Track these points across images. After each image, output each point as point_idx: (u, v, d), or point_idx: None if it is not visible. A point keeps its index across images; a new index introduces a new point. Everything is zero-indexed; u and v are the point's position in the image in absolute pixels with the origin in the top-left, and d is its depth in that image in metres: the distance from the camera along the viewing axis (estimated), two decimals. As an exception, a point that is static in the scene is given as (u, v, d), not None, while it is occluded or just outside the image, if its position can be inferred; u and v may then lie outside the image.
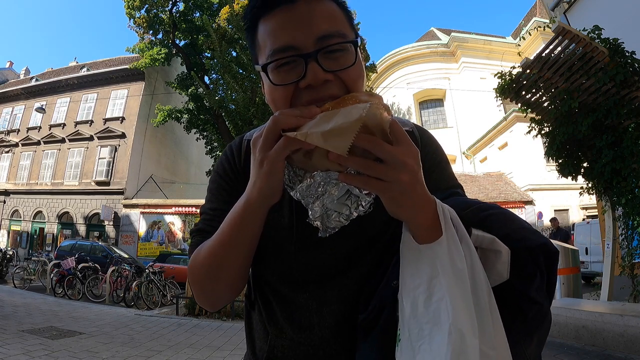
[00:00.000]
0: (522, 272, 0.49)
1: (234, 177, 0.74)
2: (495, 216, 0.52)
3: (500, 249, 0.48)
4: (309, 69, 0.55)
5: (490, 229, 0.51)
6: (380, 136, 0.46)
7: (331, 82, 0.57)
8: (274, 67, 0.58)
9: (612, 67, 4.61)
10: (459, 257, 0.46)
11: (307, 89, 0.56)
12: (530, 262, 0.49)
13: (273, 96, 0.60)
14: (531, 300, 0.49)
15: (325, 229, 0.54)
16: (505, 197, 18.04)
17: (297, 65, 0.57)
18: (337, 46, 0.57)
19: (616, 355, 3.96)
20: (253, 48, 0.65)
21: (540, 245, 0.49)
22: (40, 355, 4.09)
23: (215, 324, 6.50)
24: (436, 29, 28.61)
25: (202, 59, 15.73)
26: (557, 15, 7.33)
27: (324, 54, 0.56)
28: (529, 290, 0.49)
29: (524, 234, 0.50)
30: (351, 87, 0.58)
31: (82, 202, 20.10)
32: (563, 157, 5.73)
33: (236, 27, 11.83)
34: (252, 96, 11.65)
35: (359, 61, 0.60)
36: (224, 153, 0.78)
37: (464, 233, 0.49)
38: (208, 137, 16.40)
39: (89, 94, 21.90)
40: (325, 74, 0.56)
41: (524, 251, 0.49)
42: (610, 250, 5.55)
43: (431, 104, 27.14)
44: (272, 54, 0.58)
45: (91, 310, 7.29)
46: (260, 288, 0.74)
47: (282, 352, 0.70)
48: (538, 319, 0.50)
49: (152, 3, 15.07)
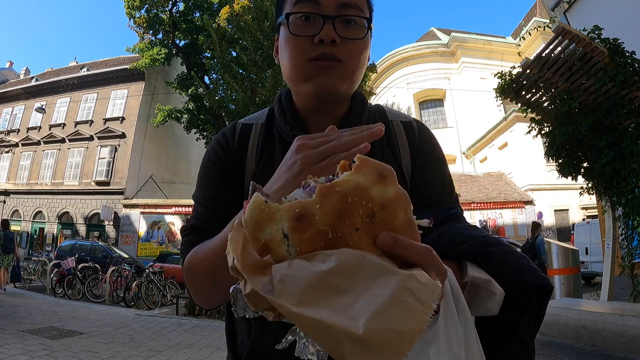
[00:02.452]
0: (512, 309, 0.46)
1: (226, 160, 0.73)
2: (495, 255, 0.48)
3: (495, 291, 0.45)
4: (325, 27, 0.63)
5: (487, 267, 0.47)
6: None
7: (338, 45, 0.64)
8: (295, 18, 0.65)
9: (612, 67, 4.61)
10: (456, 340, 0.39)
11: (318, 44, 0.63)
12: (523, 301, 0.46)
13: (288, 45, 0.66)
14: (518, 338, 0.47)
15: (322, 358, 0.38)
16: (505, 197, 18.05)
17: (315, 23, 0.64)
18: (353, 18, 0.65)
19: (616, 355, 3.96)
20: (281, 2, 0.71)
21: (537, 286, 0.47)
22: (40, 355, 4.09)
23: (215, 324, 6.50)
24: (436, 29, 28.62)
25: (202, 59, 15.72)
26: (557, 15, 7.33)
27: (340, 21, 0.64)
28: (516, 327, 0.47)
29: (523, 276, 0.47)
30: (351, 56, 0.65)
31: (82, 202, 20.10)
32: (563, 157, 5.73)
33: (236, 27, 11.82)
34: (252, 96, 11.64)
35: (367, 39, 0.67)
36: (215, 138, 0.78)
37: (462, 304, 0.42)
38: (208, 137, 16.38)
39: (89, 94, 21.90)
40: (335, 35, 0.63)
41: (518, 291, 0.46)
42: (610, 250, 5.55)
43: (431, 104, 27.16)
44: (297, 3, 0.65)
45: (91, 310, 7.29)
46: None
47: (266, 349, 0.66)
48: (522, 359, 0.48)
49: (152, 3, 15.07)
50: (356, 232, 0.32)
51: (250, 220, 0.32)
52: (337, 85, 0.66)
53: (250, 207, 0.33)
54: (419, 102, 27.01)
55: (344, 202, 0.31)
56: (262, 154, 0.73)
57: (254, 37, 11.09)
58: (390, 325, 0.26)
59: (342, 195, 0.32)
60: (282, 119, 0.73)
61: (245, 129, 0.76)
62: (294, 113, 0.73)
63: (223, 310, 3.06)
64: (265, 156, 0.73)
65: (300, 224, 0.31)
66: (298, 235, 0.31)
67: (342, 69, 0.66)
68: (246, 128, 0.76)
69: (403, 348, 0.26)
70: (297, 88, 0.70)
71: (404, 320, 0.26)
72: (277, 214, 0.32)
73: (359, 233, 0.32)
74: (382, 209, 0.33)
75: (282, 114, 0.74)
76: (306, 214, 0.31)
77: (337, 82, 0.66)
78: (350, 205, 0.32)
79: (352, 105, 0.74)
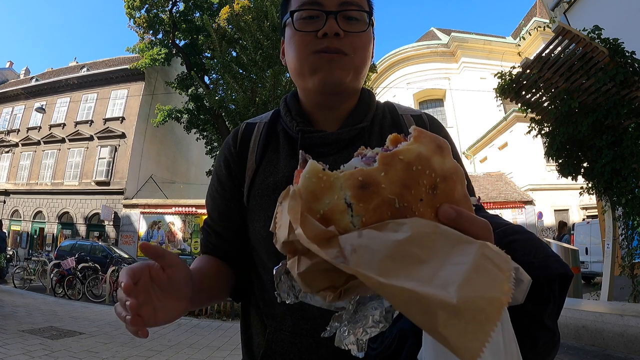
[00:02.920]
0: (537, 299, 0.46)
1: (226, 168, 0.77)
2: (520, 242, 0.50)
3: (522, 278, 0.44)
4: (328, 21, 0.66)
5: (513, 254, 0.46)
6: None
7: (341, 38, 0.67)
8: (299, 16, 0.69)
9: (612, 67, 4.61)
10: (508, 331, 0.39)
11: (322, 38, 0.66)
12: (547, 289, 0.47)
13: (293, 42, 0.69)
14: (544, 326, 0.48)
15: (360, 346, 0.36)
16: (505, 197, 18.05)
17: (318, 20, 0.67)
18: (354, 13, 0.68)
19: (616, 355, 3.96)
20: (285, 6, 0.75)
21: (560, 275, 0.48)
22: (40, 355, 4.09)
23: (215, 324, 6.50)
24: (436, 29, 28.62)
25: (202, 59, 15.72)
26: (557, 15, 7.33)
27: (342, 16, 0.67)
28: (542, 316, 0.47)
29: (547, 263, 0.48)
30: (355, 49, 0.68)
31: (82, 202, 20.10)
32: (563, 157, 5.73)
33: (236, 27, 11.82)
34: (252, 96, 11.64)
35: (368, 32, 0.70)
36: (222, 148, 0.81)
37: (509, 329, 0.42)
38: (208, 137, 16.40)
39: (89, 94, 21.90)
40: (339, 29, 0.66)
41: (543, 280, 0.47)
42: (610, 250, 5.55)
43: (431, 104, 27.14)
44: (302, 4, 0.69)
45: (91, 310, 7.29)
46: (259, 276, 0.72)
47: (281, 347, 0.67)
48: (549, 346, 0.49)
49: (152, 3, 15.07)
50: (420, 202, 0.30)
51: (306, 190, 0.30)
52: (342, 77, 0.68)
53: (306, 175, 0.31)
54: (419, 102, 26.99)
55: (408, 170, 0.30)
56: (263, 152, 0.74)
57: (254, 37, 11.09)
58: (480, 292, 0.24)
59: (407, 163, 0.30)
60: (288, 116, 0.75)
61: (250, 127, 0.79)
62: (299, 110, 0.75)
63: (223, 311, 3.08)
64: (268, 154, 0.74)
65: (365, 193, 0.29)
66: (363, 205, 0.29)
67: (347, 61, 0.68)
68: (250, 126, 0.79)
69: (493, 316, 0.25)
70: (303, 82, 0.71)
71: (491, 287, 0.25)
72: (337, 183, 0.30)
73: (423, 204, 0.30)
74: (444, 181, 0.31)
75: (288, 111, 0.75)
76: (371, 182, 0.29)
77: (342, 74, 0.68)
78: (415, 175, 0.30)
79: (359, 101, 0.75)
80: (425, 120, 0.78)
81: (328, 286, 0.30)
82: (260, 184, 0.70)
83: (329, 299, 0.30)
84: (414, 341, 0.49)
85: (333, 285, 0.30)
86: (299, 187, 0.30)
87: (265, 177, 0.71)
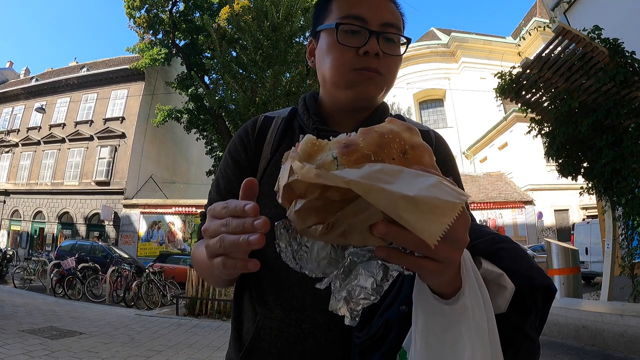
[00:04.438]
0: (519, 308, 0.49)
1: (243, 151, 0.78)
2: (506, 251, 0.53)
3: (506, 285, 0.48)
4: (370, 41, 0.69)
5: (499, 262, 0.50)
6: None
7: (380, 59, 0.70)
8: (343, 28, 0.70)
9: (612, 67, 4.61)
10: (479, 311, 0.42)
11: (362, 55, 0.69)
12: (529, 299, 0.49)
13: (333, 52, 0.71)
14: (525, 335, 0.50)
15: (354, 315, 0.44)
16: (505, 197, 18.05)
17: (360, 36, 0.69)
18: (393, 36, 0.72)
19: (616, 355, 3.96)
20: (323, 12, 0.76)
21: (543, 286, 0.50)
22: (40, 355, 4.09)
23: (215, 324, 6.50)
24: (436, 29, 28.62)
25: (202, 59, 15.73)
26: (557, 15, 7.33)
27: (383, 37, 0.70)
28: (524, 325, 0.49)
29: (531, 274, 0.51)
30: (390, 70, 0.72)
31: (82, 202, 20.10)
32: (563, 157, 5.73)
33: (236, 27, 11.82)
34: (252, 96, 11.64)
35: (401, 56, 0.74)
36: (237, 132, 0.82)
37: (479, 278, 0.46)
38: (208, 137, 16.40)
39: (89, 94, 21.91)
40: (379, 49, 0.69)
41: (526, 289, 0.49)
42: (610, 250, 5.55)
43: (431, 104, 27.15)
44: (346, 17, 0.71)
45: (91, 310, 7.29)
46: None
47: (269, 335, 0.68)
48: (529, 355, 0.51)
49: (152, 3, 15.08)
50: (392, 161, 0.36)
51: (302, 152, 0.37)
52: (375, 94, 0.73)
53: (303, 142, 0.38)
54: (419, 102, 27.01)
55: (381, 137, 0.37)
56: (279, 144, 0.77)
57: (254, 37, 11.09)
58: (436, 195, 0.31)
59: (380, 133, 0.38)
60: (305, 114, 0.78)
61: (267, 120, 0.81)
62: (317, 110, 0.79)
63: (223, 311, 3.08)
64: (283, 147, 0.77)
65: (347, 150, 0.36)
66: (346, 157, 0.35)
67: (381, 80, 0.72)
68: (268, 120, 0.82)
69: (448, 213, 0.31)
70: (336, 92, 0.75)
71: (446, 195, 0.32)
72: (327, 146, 0.38)
73: (394, 162, 0.36)
74: (412, 149, 0.38)
75: (306, 110, 0.79)
76: (352, 143, 0.36)
77: (376, 92, 0.73)
78: (387, 140, 0.37)
79: (375, 111, 0.79)
80: (432, 137, 0.81)
81: (319, 221, 0.36)
82: (271, 174, 0.73)
83: (319, 230, 0.36)
84: (399, 332, 0.53)
85: (322, 221, 0.36)
86: (298, 151, 0.38)
87: (277, 168, 0.71)
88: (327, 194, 0.34)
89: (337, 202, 0.35)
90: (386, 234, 0.34)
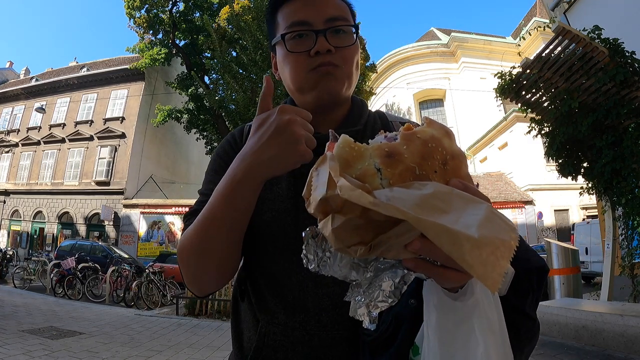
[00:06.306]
0: (518, 289, 0.50)
1: (233, 155, 0.75)
2: None
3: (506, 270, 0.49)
4: (318, 40, 0.69)
5: None
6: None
7: (333, 53, 0.70)
8: (290, 37, 0.71)
9: (612, 67, 4.60)
10: (489, 306, 0.43)
11: (315, 56, 0.69)
12: (526, 281, 0.52)
13: (288, 62, 0.73)
14: (526, 315, 0.52)
15: (372, 318, 0.43)
16: (505, 197, 18.05)
17: (308, 39, 0.70)
18: (341, 27, 0.72)
19: (616, 355, 3.96)
20: (272, 26, 0.77)
21: (538, 267, 0.53)
22: (40, 355, 4.09)
23: (215, 324, 6.50)
24: (436, 29, 28.63)
25: (202, 59, 15.74)
26: (557, 15, 7.33)
27: (330, 32, 0.70)
28: (524, 305, 0.52)
29: (527, 256, 0.53)
30: (345, 61, 0.72)
31: (82, 202, 20.10)
32: (563, 157, 5.72)
33: (236, 27, 11.83)
34: (252, 96, 11.65)
35: (356, 43, 0.74)
36: (225, 138, 0.83)
37: None
38: (208, 137, 16.40)
39: (89, 94, 21.90)
40: (329, 45, 0.69)
41: (523, 271, 0.50)
42: (610, 250, 5.54)
43: (431, 104, 27.16)
44: (290, 26, 0.72)
45: (91, 310, 7.29)
46: (251, 274, 0.72)
47: (274, 340, 0.67)
48: (530, 334, 0.53)
49: (152, 3, 15.09)
50: (435, 174, 0.35)
51: (340, 158, 0.35)
52: (338, 88, 0.73)
53: (340, 145, 0.36)
54: (419, 102, 27.02)
55: (425, 146, 0.36)
56: None
57: (254, 37, 11.10)
58: (494, 234, 0.30)
59: (423, 140, 0.36)
60: None
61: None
62: None
63: (223, 311, 3.08)
64: None
65: (391, 160, 0.34)
66: (390, 170, 0.34)
67: (340, 72, 0.72)
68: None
69: (506, 255, 0.31)
70: (303, 97, 0.75)
71: (502, 232, 0.31)
72: (367, 152, 0.36)
73: (436, 175, 0.35)
74: (452, 159, 0.37)
75: None
76: (395, 153, 0.35)
77: (336, 85, 0.72)
78: (430, 150, 0.36)
79: (351, 108, 0.80)
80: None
81: (358, 242, 0.34)
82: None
83: (360, 252, 0.34)
84: (410, 326, 0.52)
85: (363, 241, 0.34)
86: (334, 155, 0.36)
87: None
88: (370, 213, 0.32)
89: (380, 222, 0.33)
90: (420, 250, 0.34)
